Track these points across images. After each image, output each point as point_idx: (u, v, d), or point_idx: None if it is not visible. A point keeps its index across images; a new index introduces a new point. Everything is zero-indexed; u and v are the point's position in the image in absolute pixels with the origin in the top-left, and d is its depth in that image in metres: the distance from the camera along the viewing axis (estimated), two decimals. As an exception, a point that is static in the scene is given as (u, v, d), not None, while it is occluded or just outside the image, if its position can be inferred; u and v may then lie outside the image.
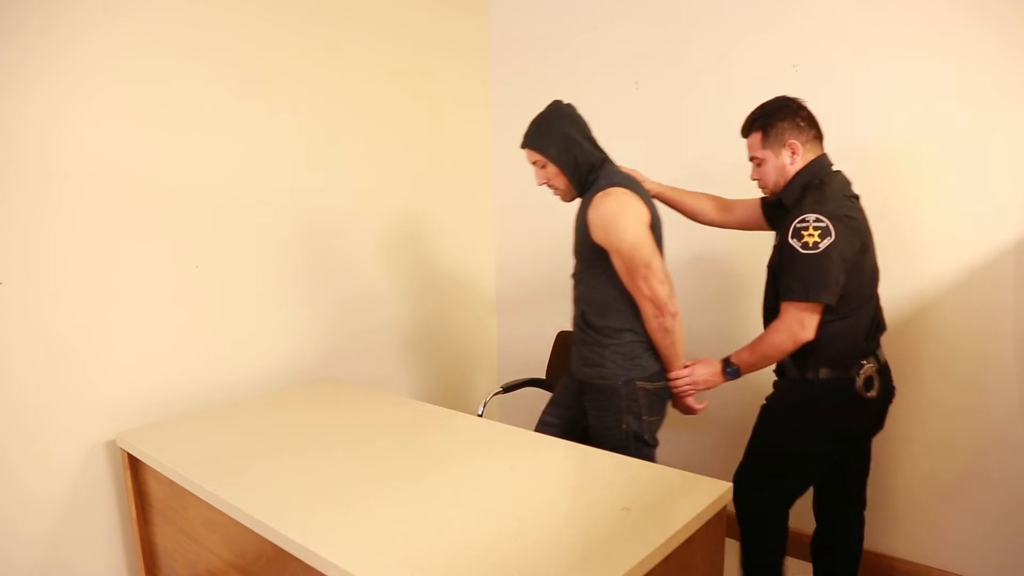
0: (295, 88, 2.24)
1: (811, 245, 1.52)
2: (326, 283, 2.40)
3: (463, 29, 2.86)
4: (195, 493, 1.47)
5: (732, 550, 2.40)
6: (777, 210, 1.77)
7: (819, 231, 1.51)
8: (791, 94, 2.17)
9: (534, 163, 1.77)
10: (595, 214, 1.65)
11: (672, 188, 1.99)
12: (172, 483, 1.61)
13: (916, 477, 2.09)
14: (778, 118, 1.65)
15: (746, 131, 1.73)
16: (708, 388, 1.77)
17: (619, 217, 1.61)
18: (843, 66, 2.07)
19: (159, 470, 1.63)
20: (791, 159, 1.65)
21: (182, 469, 1.52)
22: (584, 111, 2.69)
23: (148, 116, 1.88)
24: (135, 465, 1.80)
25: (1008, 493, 1.94)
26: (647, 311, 1.66)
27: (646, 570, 1.07)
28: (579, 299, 1.80)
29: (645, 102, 2.54)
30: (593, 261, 1.71)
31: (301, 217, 2.30)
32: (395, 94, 2.58)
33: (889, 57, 1.99)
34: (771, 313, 1.70)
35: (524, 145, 1.77)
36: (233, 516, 1.34)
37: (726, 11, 2.28)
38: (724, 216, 1.97)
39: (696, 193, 2.01)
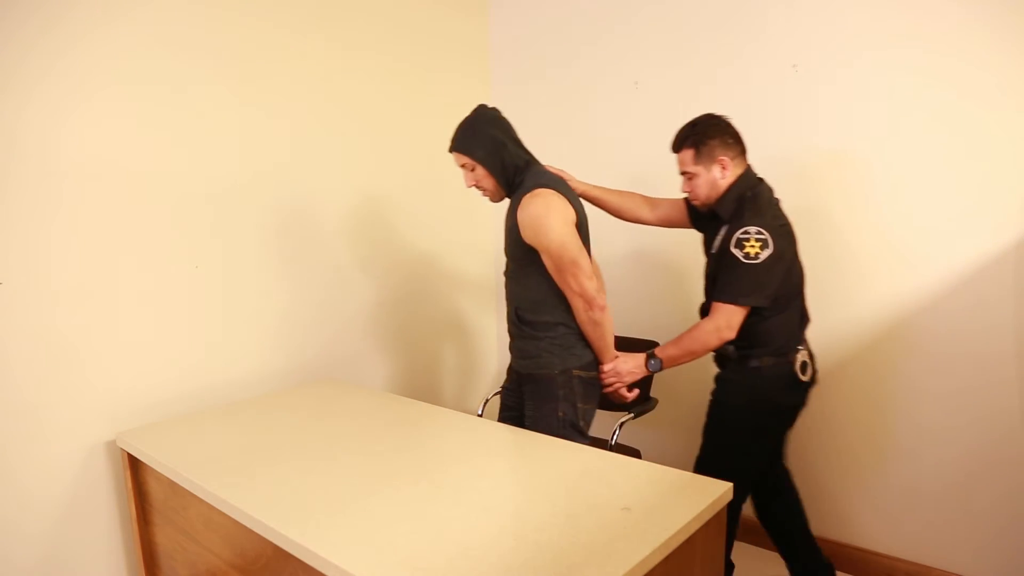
0: (294, 89, 2.24)
1: (752, 255, 1.68)
2: (327, 284, 2.40)
3: (463, 29, 2.86)
4: (195, 493, 1.47)
5: (732, 550, 2.41)
6: (706, 219, 1.90)
7: (760, 243, 1.68)
8: (791, 94, 2.18)
9: (462, 166, 1.80)
10: (524, 215, 1.69)
11: (597, 187, 2.05)
12: (172, 483, 1.61)
13: (916, 478, 2.09)
14: (709, 135, 1.76)
15: (677, 147, 1.82)
16: (633, 380, 1.87)
17: (546, 218, 1.66)
18: (843, 66, 2.07)
19: (159, 470, 1.63)
20: (722, 174, 1.78)
21: (182, 469, 1.52)
22: (584, 111, 2.70)
23: (148, 116, 1.88)
24: (135, 465, 1.80)
25: (1008, 494, 1.94)
26: (577, 305, 1.73)
27: (646, 570, 1.07)
28: (512, 297, 1.85)
29: (645, 102, 2.54)
30: (524, 260, 1.76)
31: (302, 218, 2.30)
32: (395, 96, 2.58)
33: (890, 57, 1.99)
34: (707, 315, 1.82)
35: (452, 149, 1.80)
36: (233, 516, 1.34)
37: (726, 11, 2.28)
38: (649, 214, 2.06)
39: (621, 192, 2.07)
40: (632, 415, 2.12)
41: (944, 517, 2.06)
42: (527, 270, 1.77)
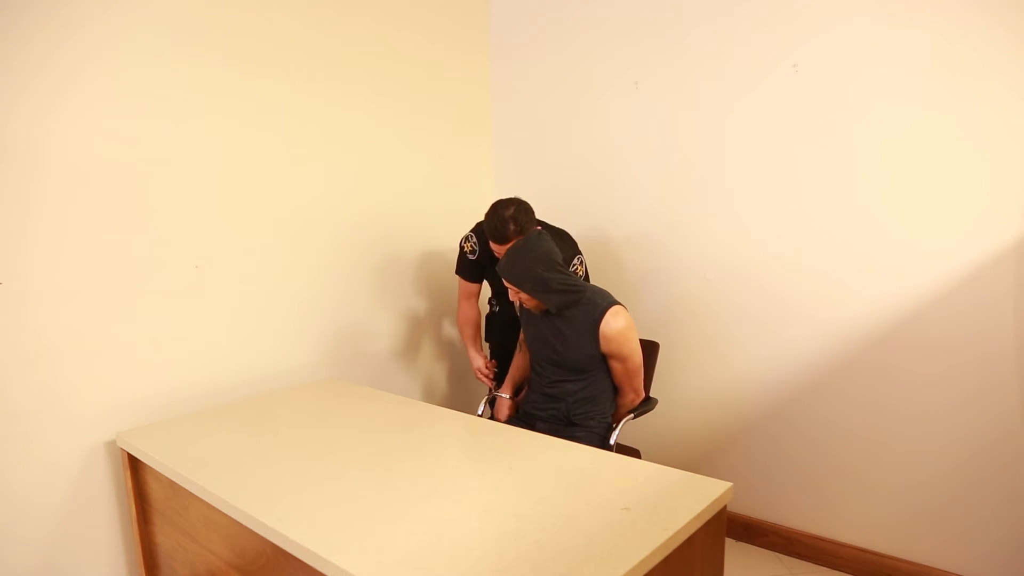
0: (299, 83, 2.23)
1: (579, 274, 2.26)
2: (326, 283, 2.40)
3: (463, 31, 2.85)
4: (195, 493, 1.47)
5: (732, 550, 2.41)
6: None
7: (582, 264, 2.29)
8: (791, 94, 2.18)
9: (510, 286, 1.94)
10: (614, 328, 1.88)
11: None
12: (172, 483, 1.61)
13: (917, 478, 2.09)
14: (527, 223, 2.08)
15: (504, 240, 2.06)
16: None
17: (630, 332, 1.93)
18: (843, 66, 2.07)
19: (159, 470, 1.63)
20: None
21: (182, 469, 1.52)
22: (584, 111, 2.70)
23: (146, 113, 1.87)
24: (135, 465, 1.80)
25: (1009, 495, 1.94)
26: (631, 397, 2.05)
27: (646, 570, 1.07)
28: (564, 396, 2.01)
29: (645, 102, 2.54)
30: (592, 365, 1.96)
31: (299, 216, 2.30)
32: (398, 99, 2.58)
33: (891, 56, 1.99)
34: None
35: (503, 276, 1.91)
36: (233, 516, 1.34)
37: (726, 10, 2.28)
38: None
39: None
40: (632, 415, 2.12)
41: (944, 517, 2.06)
42: (594, 372, 1.97)
